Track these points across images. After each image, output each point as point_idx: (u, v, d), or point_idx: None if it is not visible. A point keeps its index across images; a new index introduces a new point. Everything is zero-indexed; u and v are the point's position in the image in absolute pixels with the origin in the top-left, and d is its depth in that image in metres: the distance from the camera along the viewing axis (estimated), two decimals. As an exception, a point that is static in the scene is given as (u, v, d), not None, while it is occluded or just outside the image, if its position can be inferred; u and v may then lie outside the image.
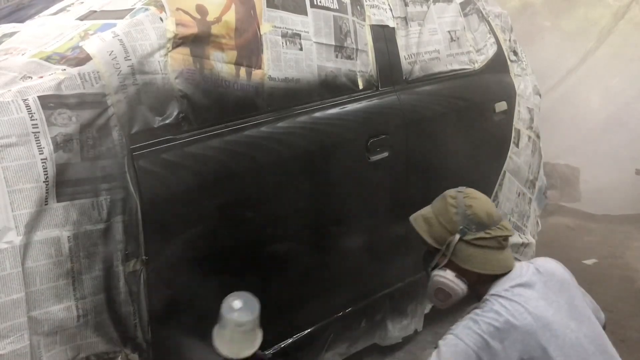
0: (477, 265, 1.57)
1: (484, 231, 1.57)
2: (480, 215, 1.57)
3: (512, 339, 1.43)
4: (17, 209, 1.29)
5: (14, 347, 1.29)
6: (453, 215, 1.59)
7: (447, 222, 1.60)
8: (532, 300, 1.49)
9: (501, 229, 1.58)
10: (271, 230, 1.87)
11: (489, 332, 1.44)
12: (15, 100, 1.32)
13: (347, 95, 2.10)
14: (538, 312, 1.47)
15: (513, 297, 1.49)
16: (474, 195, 1.64)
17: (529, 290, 1.52)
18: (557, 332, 1.46)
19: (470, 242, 1.57)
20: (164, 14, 1.61)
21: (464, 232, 1.57)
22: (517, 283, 1.53)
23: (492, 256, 1.57)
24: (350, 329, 2.28)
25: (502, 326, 1.44)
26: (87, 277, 1.41)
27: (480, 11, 2.78)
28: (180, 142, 1.62)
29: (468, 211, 1.58)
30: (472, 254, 1.57)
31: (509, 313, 1.46)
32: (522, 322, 1.45)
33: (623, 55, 4.70)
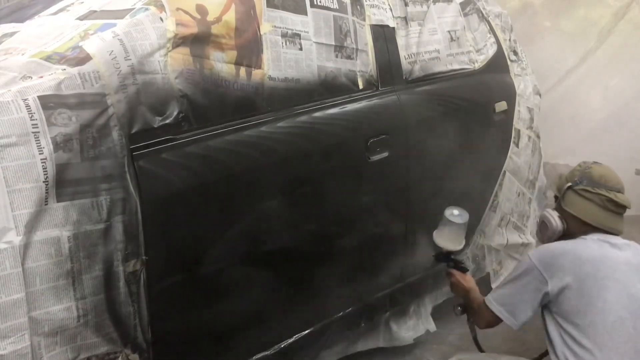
0: (577, 210, 1.82)
1: (591, 187, 1.81)
2: (594, 174, 1.83)
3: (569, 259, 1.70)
4: (17, 209, 1.28)
5: (14, 348, 1.29)
6: (575, 171, 1.89)
7: (569, 175, 1.90)
8: (608, 251, 1.72)
9: (610, 193, 1.79)
10: (271, 230, 1.87)
11: (552, 250, 1.77)
12: (15, 100, 1.32)
13: (347, 95, 2.09)
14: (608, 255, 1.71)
15: (592, 243, 1.75)
16: (604, 165, 1.90)
17: (612, 248, 1.74)
18: (619, 276, 1.67)
19: (577, 192, 1.83)
20: (164, 13, 1.61)
21: (575, 183, 1.84)
22: (607, 240, 1.76)
23: (592, 209, 1.80)
24: (349, 330, 2.28)
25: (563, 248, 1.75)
26: (87, 277, 1.41)
27: (480, 11, 2.78)
28: (180, 142, 1.61)
29: (587, 170, 1.86)
30: (575, 201, 1.84)
31: (579, 245, 1.75)
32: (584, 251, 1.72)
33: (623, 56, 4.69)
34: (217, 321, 1.78)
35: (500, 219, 2.84)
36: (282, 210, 1.88)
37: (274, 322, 1.97)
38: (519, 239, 2.93)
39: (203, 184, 1.66)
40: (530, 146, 2.95)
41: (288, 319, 2.02)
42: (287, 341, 2.03)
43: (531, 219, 3.03)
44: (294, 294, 2.01)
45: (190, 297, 1.69)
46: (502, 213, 2.84)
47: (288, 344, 2.03)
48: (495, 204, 2.80)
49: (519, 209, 2.93)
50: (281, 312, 1.98)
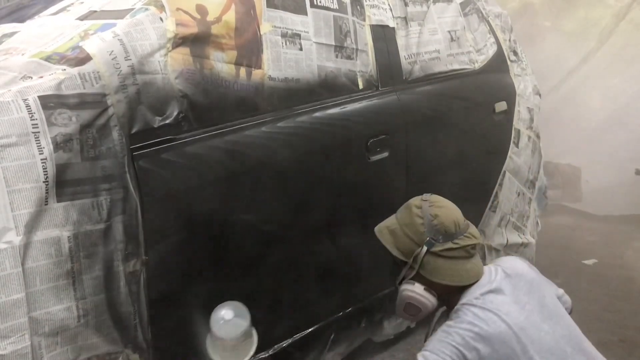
0: (447, 277, 1.53)
1: (451, 241, 1.53)
2: (447, 224, 1.54)
3: (488, 348, 1.40)
4: (17, 209, 1.29)
5: (15, 348, 1.29)
6: (419, 226, 1.56)
7: (413, 233, 1.56)
8: (504, 305, 1.46)
9: (469, 237, 1.55)
10: (271, 230, 1.87)
11: (464, 343, 1.41)
12: (15, 100, 1.32)
13: (347, 95, 2.09)
14: (512, 318, 1.44)
15: (485, 304, 1.46)
16: (440, 203, 1.60)
17: (500, 296, 1.49)
18: (533, 337, 1.43)
19: (438, 254, 1.53)
20: (164, 14, 1.61)
21: (430, 243, 1.53)
22: (488, 290, 1.50)
23: (461, 266, 1.54)
24: (350, 329, 2.28)
25: (477, 336, 1.41)
26: (87, 277, 1.41)
27: (480, 11, 2.78)
28: (180, 142, 1.62)
29: (434, 221, 1.54)
30: (440, 265, 1.53)
31: (483, 322, 1.43)
32: (496, 330, 1.41)
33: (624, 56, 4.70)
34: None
35: (500, 219, 2.84)
36: (282, 210, 1.88)
37: (274, 322, 1.97)
38: (518, 239, 2.92)
39: (203, 184, 1.66)
40: (530, 146, 2.95)
41: (288, 319, 2.02)
42: (287, 341, 2.03)
43: (531, 219, 3.03)
44: (295, 293, 2.01)
45: (190, 297, 1.69)
46: (502, 213, 2.84)
47: (288, 344, 2.03)
48: (495, 204, 2.80)
49: (518, 209, 2.93)
50: (281, 312, 1.98)
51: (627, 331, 2.83)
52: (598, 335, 2.76)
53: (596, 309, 3.03)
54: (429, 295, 1.55)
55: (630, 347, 2.70)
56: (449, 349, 1.41)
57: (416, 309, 1.57)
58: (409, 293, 1.56)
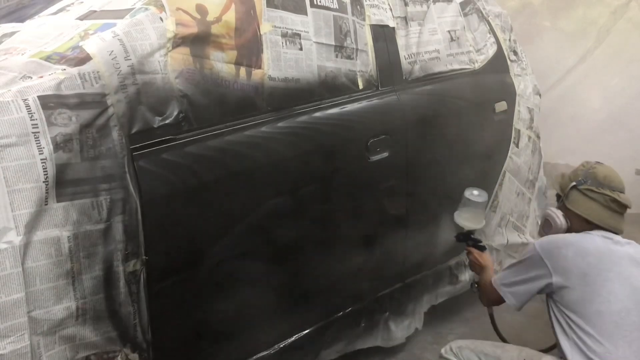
0: (581, 209, 1.85)
1: (595, 187, 1.83)
2: (598, 174, 1.85)
3: (573, 251, 1.73)
4: (17, 209, 1.28)
5: (14, 347, 1.29)
6: (579, 170, 1.91)
7: (573, 174, 1.92)
8: (611, 246, 1.75)
9: (614, 193, 1.82)
10: (271, 230, 1.87)
11: (558, 241, 1.79)
12: (15, 100, 1.32)
13: (347, 95, 2.09)
14: (611, 249, 1.74)
15: (596, 238, 1.77)
16: (606, 165, 1.92)
17: (614, 245, 1.77)
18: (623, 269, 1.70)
19: (582, 191, 1.85)
20: (164, 13, 1.61)
21: (579, 182, 1.86)
22: (609, 237, 1.79)
23: (596, 208, 1.83)
24: (349, 329, 2.28)
25: (569, 241, 1.77)
26: (87, 277, 1.41)
27: (480, 11, 2.78)
28: (180, 142, 1.61)
29: (591, 169, 1.88)
30: (579, 200, 1.86)
31: (585, 239, 1.77)
32: (589, 245, 1.74)
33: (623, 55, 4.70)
34: (217, 321, 1.78)
35: (500, 219, 2.84)
36: (282, 210, 1.88)
37: (274, 322, 1.97)
38: (518, 239, 2.93)
39: (203, 184, 1.66)
40: (530, 146, 2.96)
41: (288, 318, 2.02)
42: (287, 341, 2.03)
43: (531, 218, 3.03)
44: (295, 293, 2.01)
45: (190, 296, 1.69)
46: (502, 213, 2.84)
47: (288, 344, 2.03)
48: (495, 204, 2.80)
49: (518, 209, 2.93)
50: (281, 311, 1.98)
51: (627, 331, 2.82)
52: (598, 335, 2.75)
53: (596, 309, 3.02)
54: (562, 219, 1.90)
55: (630, 347, 2.69)
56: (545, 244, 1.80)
57: (549, 225, 1.93)
58: (550, 212, 1.94)
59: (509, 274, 1.90)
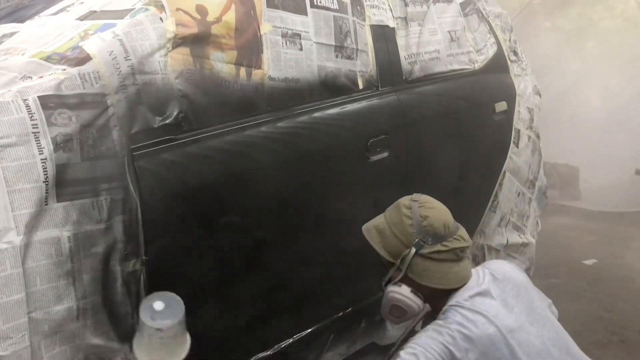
0: (435, 280, 1.50)
1: (440, 243, 1.50)
2: (436, 226, 1.50)
3: (477, 350, 1.40)
4: (17, 209, 1.28)
5: (15, 348, 1.29)
6: (408, 227, 1.52)
7: (402, 234, 1.53)
8: (492, 308, 1.45)
9: (458, 239, 1.52)
10: (271, 230, 1.87)
11: (453, 342, 1.40)
12: (15, 100, 1.32)
13: (347, 95, 2.09)
14: (500, 321, 1.43)
15: (473, 307, 1.45)
16: (430, 204, 1.57)
17: (488, 299, 1.47)
18: (522, 340, 1.43)
19: (427, 256, 1.50)
20: (164, 14, 1.61)
21: (419, 245, 1.49)
22: (476, 292, 1.49)
23: (450, 269, 1.51)
24: (350, 329, 2.28)
25: (466, 338, 1.40)
26: (87, 277, 1.41)
27: (480, 11, 2.78)
28: (180, 142, 1.61)
29: (424, 222, 1.51)
30: (429, 268, 1.50)
31: (472, 324, 1.41)
32: (485, 332, 1.41)
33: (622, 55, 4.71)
34: (217, 320, 1.78)
35: (500, 219, 2.84)
36: (282, 211, 1.88)
37: (274, 322, 1.97)
38: (518, 239, 2.93)
39: (203, 184, 1.66)
40: (530, 146, 2.96)
41: (289, 318, 2.02)
42: (288, 341, 2.03)
43: (531, 219, 3.03)
44: (295, 293, 2.01)
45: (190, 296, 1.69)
46: (502, 213, 2.84)
47: (289, 344, 2.03)
48: (495, 204, 2.80)
49: (518, 209, 2.93)
50: (282, 312, 1.98)
51: (627, 331, 2.83)
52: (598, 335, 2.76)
53: (596, 309, 3.03)
54: (415, 298, 1.52)
55: (630, 347, 2.70)
56: (439, 347, 1.40)
57: (402, 311, 1.55)
58: (396, 295, 1.54)
59: None
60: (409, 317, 1.57)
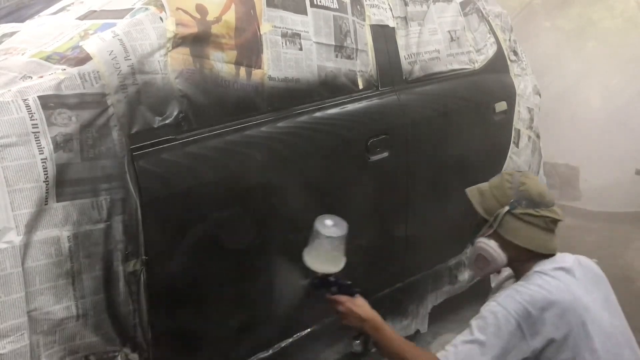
0: (521, 239, 1.60)
1: (533, 209, 1.61)
2: (532, 192, 1.62)
3: (553, 312, 1.48)
4: (17, 208, 1.29)
5: (14, 347, 1.29)
6: (507, 189, 1.64)
7: (500, 195, 1.64)
8: (573, 284, 1.55)
9: (551, 211, 1.63)
10: (271, 230, 1.87)
11: (531, 302, 1.48)
12: (15, 100, 1.32)
13: (347, 95, 2.09)
14: (579, 296, 1.52)
15: (556, 277, 1.55)
16: (531, 176, 1.72)
17: (570, 276, 1.57)
18: (595, 318, 1.52)
19: (518, 216, 1.61)
20: (164, 13, 1.61)
21: (513, 205, 1.61)
22: (560, 266, 1.58)
23: (537, 235, 1.61)
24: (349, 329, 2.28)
25: (545, 299, 1.49)
26: (87, 277, 1.41)
27: (480, 11, 2.78)
28: (180, 142, 1.61)
29: (521, 187, 1.63)
30: (518, 227, 1.60)
31: (553, 288, 1.51)
32: (564, 299, 1.50)
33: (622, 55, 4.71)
34: (218, 320, 1.78)
35: (500, 219, 2.84)
36: (282, 210, 1.88)
37: (274, 322, 1.97)
38: (518, 239, 2.92)
39: (203, 184, 1.66)
40: (530, 146, 2.96)
41: (289, 318, 2.02)
42: (287, 341, 2.03)
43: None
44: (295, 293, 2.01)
45: (190, 296, 1.69)
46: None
47: (288, 344, 2.03)
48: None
49: (518, 209, 2.93)
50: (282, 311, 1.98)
51: (627, 331, 2.83)
52: (598, 335, 2.75)
53: (596, 309, 3.03)
54: (500, 252, 1.61)
55: (630, 347, 2.69)
56: (516, 305, 1.48)
57: (486, 262, 1.64)
58: (483, 245, 1.64)
59: (472, 352, 1.47)
60: (492, 270, 1.67)
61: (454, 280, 2.70)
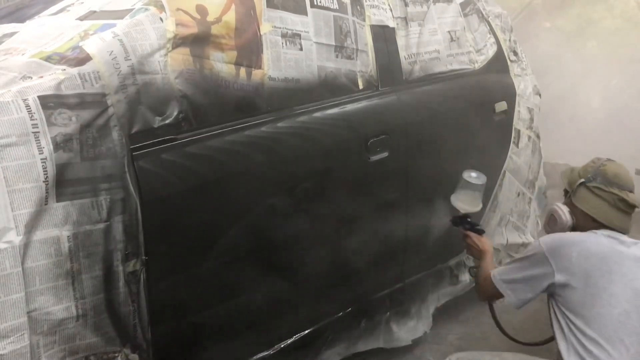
0: (588, 207, 1.82)
1: (605, 185, 1.81)
2: (608, 172, 1.83)
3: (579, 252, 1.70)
4: (17, 208, 1.29)
5: (14, 347, 1.29)
6: (589, 167, 1.89)
7: (583, 171, 1.89)
8: (616, 246, 1.73)
9: (623, 193, 1.79)
10: (271, 230, 1.87)
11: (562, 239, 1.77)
12: (15, 100, 1.32)
13: (347, 95, 2.09)
14: (617, 250, 1.72)
15: (601, 238, 1.75)
16: (617, 163, 1.90)
17: (619, 244, 1.74)
18: (622, 285, 1.67)
19: (590, 188, 1.83)
20: (164, 14, 1.61)
21: (589, 179, 1.84)
22: (615, 237, 1.76)
23: (604, 208, 1.80)
24: (349, 329, 2.28)
25: (575, 240, 1.75)
26: (87, 277, 1.41)
27: (480, 11, 2.78)
28: (180, 142, 1.61)
29: (601, 167, 1.85)
30: (587, 198, 1.83)
31: (590, 240, 1.74)
32: (605, 249, 1.71)
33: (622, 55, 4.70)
34: (218, 320, 1.78)
35: (500, 219, 2.84)
36: (282, 211, 1.88)
37: (274, 322, 1.97)
38: (518, 239, 2.93)
39: (203, 184, 1.66)
40: (530, 146, 2.96)
41: (289, 318, 2.02)
42: (288, 341, 2.03)
43: (531, 218, 3.03)
44: (295, 293, 2.01)
45: (190, 296, 1.69)
46: (501, 213, 2.84)
47: (288, 344, 2.03)
48: (495, 204, 2.80)
49: (518, 209, 2.93)
50: (282, 311, 1.98)
51: (627, 331, 2.82)
52: (598, 335, 2.75)
53: (596, 309, 3.02)
54: (568, 215, 1.88)
55: (630, 348, 2.69)
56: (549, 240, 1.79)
57: (554, 221, 1.91)
58: (556, 208, 1.92)
59: (510, 270, 1.87)
60: (559, 230, 1.88)
61: (454, 280, 2.71)
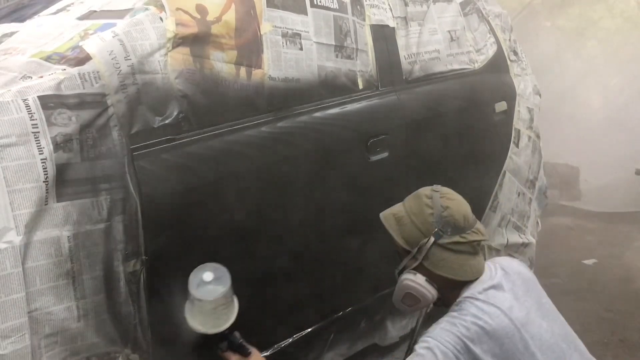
0: (451, 270, 1.50)
1: (459, 235, 1.50)
2: (457, 217, 1.50)
3: (493, 344, 1.40)
4: (17, 208, 1.28)
5: (15, 347, 1.29)
6: (428, 217, 1.51)
7: (422, 223, 1.52)
8: (506, 302, 1.46)
9: (476, 232, 1.52)
10: (271, 231, 1.87)
11: (468, 334, 1.40)
12: (15, 100, 1.32)
13: (347, 95, 2.09)
14: (514, 314, 1.44)
15: (488, 299, 1.46)
16: (451, 195, 1.57)
17: (501, 292, 1.48)
18: (534, 333, 1.44)
19: (445, 246, 1.49)
20: (164, 13, 1.61)
21: (438, 235, 1.49)
22: (490, 285, 1.49)
23: (466, 261, 1.51)
24: (349, 329, 2.28)
25: (481, 328, 1.41)
26: (87, 277, 1.41)
27: (480, 11, 2.78)
28: (180, 142, 1.61)
29: (444, 213, 1.51)
30: (446, 258, 1.50)
31: (487, 316, 1.42)
32: (500, 325, 1.41)
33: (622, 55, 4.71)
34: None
35: (500, 219, 2.84)
36: (282, 211, 1.88)
37: (274, 322, 1.97)
38: (519, 239, 2.92)
39: (203, 184, 1.66)
40: (530, 146, 2.96)
41: (289, 318, 2.02)
42: (288, 341, 2.03)
43: (531, 218, 3.03)
44: (295, 293, 2.01)
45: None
46: (502, 213, 2.84)
47: (288, 344, 2.03)
48: (495, 204, 2.80)
49: (519, 209, 2.93)
50: (282, 311, 1.98)
51: (627, 331, 2.84)
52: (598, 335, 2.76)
53: (596, 309, 3.04)
54: (429, 287, 1.51)
55: (630, 347, 2.70)
56: (454, 339, 1.40)
57: (415, 299, 1.54)
58: (410, 283, 1.52)
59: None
60: (422, 306, 1.57)
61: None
